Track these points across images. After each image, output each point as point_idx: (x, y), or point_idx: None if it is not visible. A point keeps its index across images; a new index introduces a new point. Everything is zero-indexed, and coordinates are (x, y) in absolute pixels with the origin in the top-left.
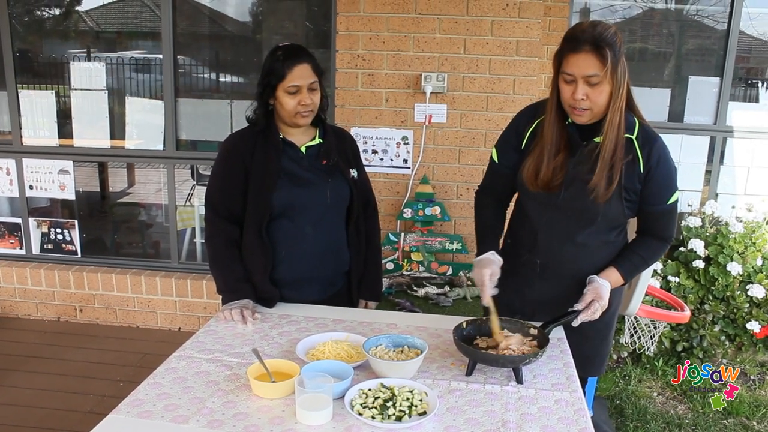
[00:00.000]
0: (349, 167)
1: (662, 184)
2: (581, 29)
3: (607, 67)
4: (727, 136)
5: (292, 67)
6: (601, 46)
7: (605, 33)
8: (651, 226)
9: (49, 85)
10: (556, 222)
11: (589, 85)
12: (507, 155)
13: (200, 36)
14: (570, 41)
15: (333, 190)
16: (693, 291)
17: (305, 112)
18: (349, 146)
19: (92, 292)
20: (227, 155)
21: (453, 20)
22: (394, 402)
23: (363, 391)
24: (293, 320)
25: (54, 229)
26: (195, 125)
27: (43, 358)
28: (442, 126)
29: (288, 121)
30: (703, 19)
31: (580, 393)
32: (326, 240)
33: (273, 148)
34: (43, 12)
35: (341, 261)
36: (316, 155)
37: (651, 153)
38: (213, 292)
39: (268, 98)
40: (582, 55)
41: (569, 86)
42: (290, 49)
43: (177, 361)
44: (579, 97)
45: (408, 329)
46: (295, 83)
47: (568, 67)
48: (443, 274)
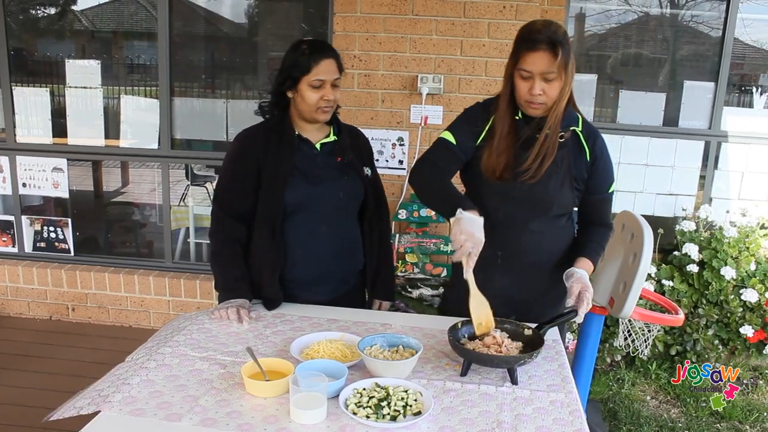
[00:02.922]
0: (363, 165)
1: (605, 175)
2: (537, 29)
3: (561, 64)
4: (721, 141)
5: (319, 61)
6: (556, 45)
7: (559, 32)
8: (594, 215)
9: (43, 83)
10: (513, 212)
11: (545, 81)
12: (464, 141)
13: (196, 36)
14: (527, 41)
15: (347, 187)
16: (687, 295)
17: (326, 107)
18: (363, 145)
19: (85, 291)
20: (240, 152)
21: (450, 22)
22: (389, 402)
23: (357, 390)
24: (287, 319)
25: (47, 228)
26: (190, 124)
27: (35, 356)
28: (438, 127)
29: (308, 116)
30: (698, 25)
31: (575, 394)
32: (341, 238)
33: (287, 144)
34: (38, 10)
35: (356, 260)
36: (330, 152)
37: (595, 145)
38: (206, 292)
39: (288, 90)
40: (539, 54)
41: (526, 82)
42: (316, 44)
43: (170, 359)
44: (537, 92)
45: (403, 329)
46: (321, 77)
47: (526, 64)
48: (438, 275)
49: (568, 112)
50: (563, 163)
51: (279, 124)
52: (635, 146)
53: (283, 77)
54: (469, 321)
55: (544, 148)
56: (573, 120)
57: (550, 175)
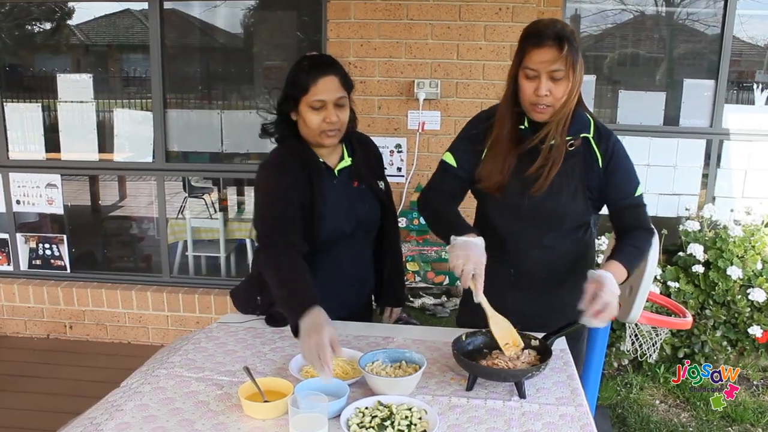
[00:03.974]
0: (377, 179)
1: (624, 176)
2: (543, 25)
3: (569, 61)
4: (723, 138)
5: (317, 79)
6: (563, 41)
7: (566, 29)
8: (628, 221)
9: (35, 98)
10: (523, 228)
11: (552, 80)
12: (465, 160)
13: (190, 47)
14: (533, 36)
15: (367, 215)
16: (693, 296)
17: (331, 131)
18: (374, 155)
19: (82, 308)
20: (275, 185)
21: (445, 26)
22: (392, 421)
23: (360, 409)
24: (286, 335)
25: (42, 245)
26: (186, 136)
27: (32, 377)
28: (435, 133)
29: (312, 140)
30: (694, 23)
31: (585, 407)
32: (357, 269)
33: (315, 174)
34: (30, 26)
35: (368, 288)
36: (347, 177)
37: (607, 147)
38: (205, 306)
39: (290, 111)
40: (546, 50)
41: (532, 82)
42: (317, 60)
43: (165, 380)
44: (543, 93)
45: (405, 342)
46: (320, 97)
47: (532, 61)
48: (440, 284)
49: (578, 116)
50: (574, 172)
51: (299, 148)
52: (636, 146)
53: (284, 97)
54: (475, 332)
55: (551, 157)
56: (584, 125)
57: (560, 186)
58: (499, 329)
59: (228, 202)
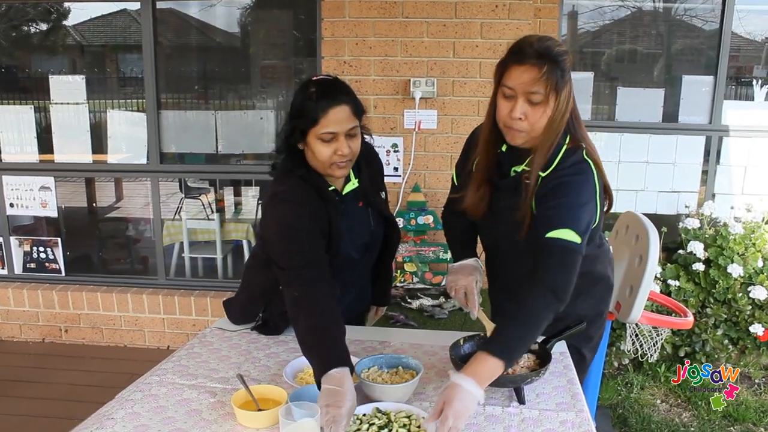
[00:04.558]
0: (380, 191)
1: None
2: (529, 41)
3: (549, 84)
4: (722, 135)
5: (327, 110)
6: (548, 62)
7: (555, 49)
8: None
9: (28, 100)
10: (499, 244)
11: (530, 103)
12: (463, 179)
13: (185, 47)
14: (515, 53)
15: (374, 234)
16: (693, 294)
17: (342, 163)
18: (376, 165)
19: (77, 311)
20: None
21: (441, 23)
22: (390, 429)
23: (357, 416)
24: (281, 340)
25: (36, 248)
26: (181, 137)
27: (28, 381)
28: (432, 132)
29: (321, 171)
30: (692, 18)
31: (586, 412)
32: (357, 284)
33: (331, 203)
34: (25, 26)
35: (366, 298)
36: (353, 199)
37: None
38: (201, 309)
39: (298, 143)
40: (526, 68)
41: (508, 102)
42: (326, 86)
43: (157, 388)
44: (516, 116)
45: (402, 347)
46: (331, 129)
47: (510, 79)
48: (438, 284)
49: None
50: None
51: (308, 178)
52: (635, 144)
53: (291, 128)
54: (472, 336)
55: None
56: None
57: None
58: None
59: (225, 202)
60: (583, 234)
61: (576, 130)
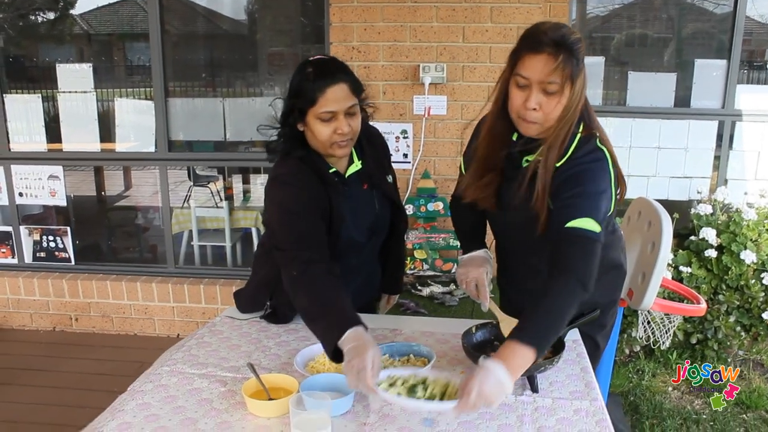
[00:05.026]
0: (386, 174)
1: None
2: (544, 29)
3: (565, 73)
4: (735, 120)
5: (325, 89)
6: (564, 51)
7: (570, 37)
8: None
9: (35, 89)
10: (513, 238)
11: (545, 93)
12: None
13: (192, 34)
14: (529, 41)
15: (379, 217)
16: (706, 281)
17: (342, 142)
18: (381, 149)
19: (87, 300)
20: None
21: (451, 8)
22: (425, 387)
23: (393, 377)
24: (291, 329)
25: (46, 237)
26: (189, 125)
27: (39, 370)
28: (442, 118)
29: (322, 151)
30: (703, 2)
31: (600, 401)
32: (366, 268)
33: (331, 185)
34: (32, 15)
35: (376, 283)
36: (357, 180)
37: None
38: (211, 297)
39: (296, 123)
40: (542, 57)
41: (522, 92)
42: (323, 66)
43: (168, 378)
44: (531, 106)
45: (413, 335)
46: (330, 108)
47: (525, 69)
48: (448, 271)
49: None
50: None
51: (308, 159)
52: (646, 129)
53: (289, 108)
54: (485, 324)
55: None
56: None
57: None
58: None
59: (233, 190)
60: (601, 222)
61: (589, 118)
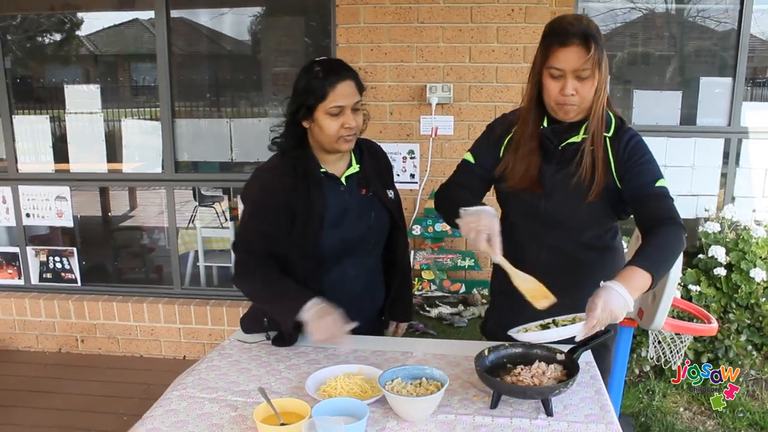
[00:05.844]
0: (387, 189)
1: (639, 168)
2: (568, 22)
3: (595, 60)
4: (742, 137)
5: (335, 85)
6: (590, 40)
7: (591, 26)
8: (648, 214)
9: (43, 110)
10: (541, 232)
11: (578, 79)
12: (484, 158)
13: (198, 55)
14: (558, 35)
15: (376, 223)
16: (715, 300)
17: (349, 136)
18: (384, 163)
19: (93, 321)
20: (266, 190)
21: (457, 28)
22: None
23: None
24: (302, 351)
25: (52, 258)
26: (195, 145)
27: (44, 392)
28: (449, 138)
29: (328, 146)
30: (705, 20)
31: (616, 425)
32: (366, 278)
33: (316, 185)
34: (40, 37)
35: (378, 297)
36: (356, 185)
37: (619, 148)
38: (217, 318)
39: (303, 120)
40: (572, 49)
41: (557, 82)
42: (331, 65)
43: (177, 402)
44: (569, 93)
45: (425, 358)
46: (339, 103)
47: (557, 61)
48: (456, 292)
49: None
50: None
51: (301, 158)
52: (652, 147)
53: (297, 105)
54: (497, 347)
55: (590, 156)
56: (606, 124)
57: (577, 190)
58: (522, 283)
59: (238, 210)
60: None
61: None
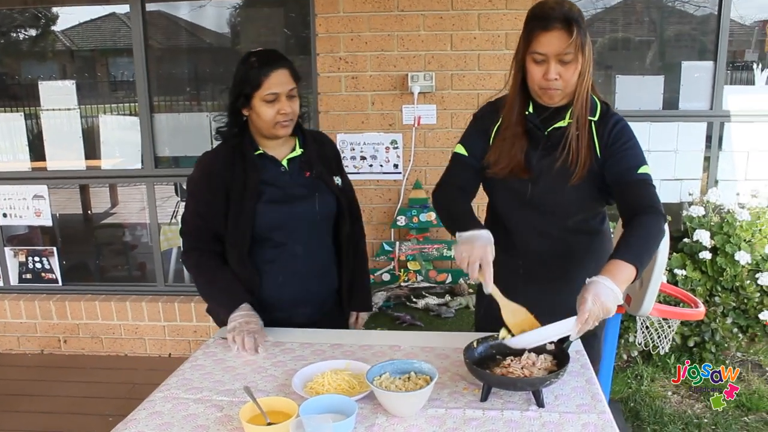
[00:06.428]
0: (333, 175)
1: (623, 154)
2: (550, 7)
3: (578, 43)
4: (724, 120)
5: (269, 74)
6: (572, 23)
7: (573, 10)
8: (630, 201)
9: (18, 107)
10: (529, 218)
11: (562, 63)
12: (475, 148)
13: (176, 49)
14: (540, 19)
15: (320, 204)
16: (701, 283)
17: (285, 122)
18: (330, 151)
19: (76, 321)
20: (205, 174)
21: (438, 16)
22: None
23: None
24: (287, 348)
25: (32, 258)
26: (175, 140)
27: (27, 395)
28: (432, 127)
29: (267, 132)
30: (684, 4)
31: (608, 414)
32: (316, 259)
33: (251, 165)
34: (11, 33)
35: (331, 279)
36: (298, 168)
37: (605, 132)
38: (202, 315)
39: (242, 108)
40: (554, 33)
41: (540, 66)
42: (265, 55)
43: (162, 404)
44: (552, 77)
45: (413, 351)
46: (273, 90)
47: (540, 46)
48: (442, 282)
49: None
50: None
51: (240, 144)
52: (635, 132)
53: (236, 95)
54: (486, 338)
55: (575, 140)
56: (592, 109)
57: (564, 174)
58: (511, 315)
59: None
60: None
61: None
